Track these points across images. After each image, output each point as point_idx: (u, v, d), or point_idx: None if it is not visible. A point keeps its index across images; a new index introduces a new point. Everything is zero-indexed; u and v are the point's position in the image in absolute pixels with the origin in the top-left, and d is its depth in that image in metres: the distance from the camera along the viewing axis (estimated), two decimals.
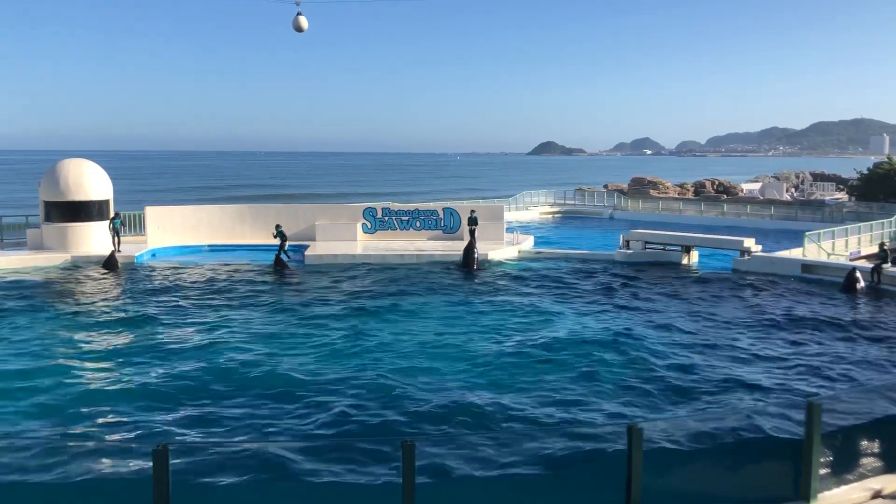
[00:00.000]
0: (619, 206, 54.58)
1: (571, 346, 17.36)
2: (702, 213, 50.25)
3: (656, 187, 68.63)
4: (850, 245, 32.17)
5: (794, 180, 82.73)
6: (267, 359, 16.10)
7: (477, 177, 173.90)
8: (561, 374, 14.98)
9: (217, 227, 33.33)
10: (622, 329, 19.01)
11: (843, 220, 40.60)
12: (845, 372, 15.38)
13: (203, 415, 12.68)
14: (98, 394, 13.93)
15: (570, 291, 24.01)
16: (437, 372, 15.19)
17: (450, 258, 29.47)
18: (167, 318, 20.07)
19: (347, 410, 12.86)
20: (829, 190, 71.58)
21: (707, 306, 21.90)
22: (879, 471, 8.53)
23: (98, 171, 31.12)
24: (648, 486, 7.26)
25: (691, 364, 15.76)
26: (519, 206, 53.59)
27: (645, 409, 13.13)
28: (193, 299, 22.47)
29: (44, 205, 30.31)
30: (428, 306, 21.73)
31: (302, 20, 27.17)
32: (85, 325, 19.44)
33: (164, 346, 17.22)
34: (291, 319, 19.97)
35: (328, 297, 22.89)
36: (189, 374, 14.95)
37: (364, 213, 34.63)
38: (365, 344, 17.41)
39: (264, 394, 13.73)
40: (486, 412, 12.82)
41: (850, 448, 8.67)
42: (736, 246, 29.35)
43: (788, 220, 45.31)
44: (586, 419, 12.58)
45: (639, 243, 31.02)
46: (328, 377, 14.76)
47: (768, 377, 14.95)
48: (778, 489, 8.05)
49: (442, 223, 34.38)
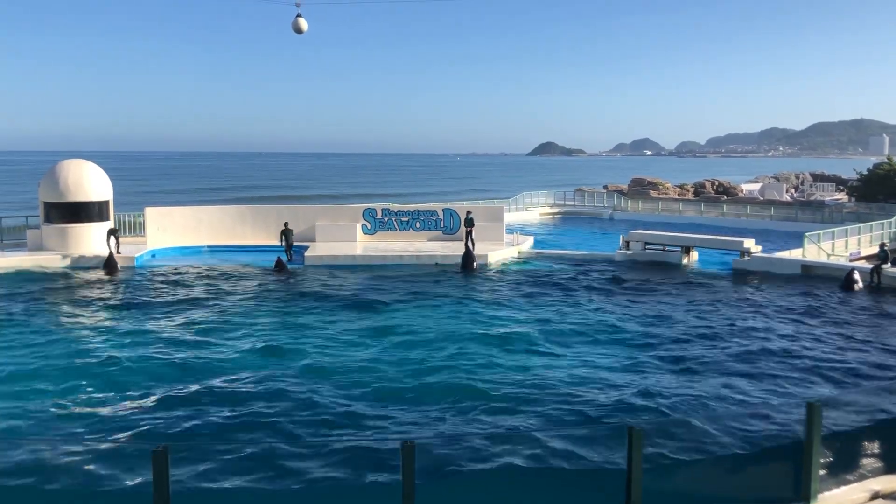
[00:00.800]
0: (619, 206, 54.59)
1: (570, 345, 17.38)
2: (702, 213, 50.26)
3: (656, 188, 68.68)
4: (850, 246, 32.18)
5: (794, 181, 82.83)
6: (266, 360, 16.11)
7: (477, 177, 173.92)
8: (560, 374, 14.98)
9: (217, 228, 33.32)
10: (621, 328, 19.02)
11: (843, 221, 40.61)
12: (845, 373, 15.38)
13: (202, 416, 12.67)
14: (97, 395, 13.93)
15: (570, 292, 24.01)
16: (437, 372, 15.19)
17: (449, 259, 29.47)
18: (166, 319, 20.07)
19: (347, 411, 12.86)
20: (829, 190, 71.59)
21: (706, 306, 21.89)
22: (879, 471, 8.54)
23: (98, 172, 31.11)
24: (649, 487, 7.26)
25: (690, 364, 15.76)
26: (519, 206, 53.61)
27: (645, 408, 13.12)
28: (192, 301, 22.47)
29: (43, 206, 30.30)
30: (427, 307, 21.73)
31: (302, 22, 27.18)
32: (83, 326, 19.46)
33: (162, 347, 17.22)
34: (291, 321, 19.97)
35: (328, 298, 22.88)
36: (188, 376, 14.95)
37: (364, 213, 34.63)
38: (365, 344, 17.43)
39: (264, 394, 13.73)
40: (486, 411, 12.83)
41: (850, 449, 8.68)
42: (736, 246, 29.36)
43: (788, 221, 45.32)
44: (587, 418, 12.58)
45: (639, 244, 31.03)
46: (327, 377, 14.77)
47: (768, 378, 14.94)
48: (778, 490, 8.05)
49: (441, 224, 34.39)
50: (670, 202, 56.58)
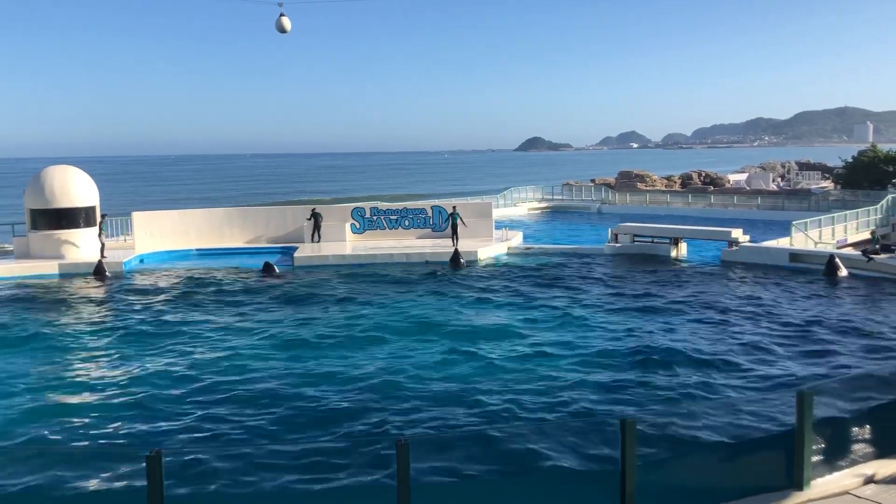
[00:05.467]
0: (607, 200, 54.69)
1: (560, 340, 17.41)
2: (689, 205, 50.42)
3: (643, 180, 68.78)
4: (837, 233, 32.39)
5: (780, 170, 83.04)
6: (258, 361, 16.06)
7: (465, 174, 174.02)
8: (550, 369, 15.01)
9: (205, 231, 33.17)
10: (611, 322, 19.08)
11: (830, 209, 40.86)
12: (836, 358, 15.49)
13: (195, 418, 12.63)
14: (89, 400, 13.85)
15: (559, 286, 24.04)
16: (428, 370, 15.18)
17: (439, 256, 29.45)
18: (154, 324, 19.98)
19: (340, 411, 12.85)
20: (815, 179, 71.90)
21: (696, 297, 21.98)
22: (871, 456, 8.60)
23: (83, 178, 30.89)
24: (643, 479, 7.28)
25: (681, 355, 15.81)
26: (507, 202, 53.64)
27: (637, 401, 13.18)
28: (181, 304, 22.37)
29: (29, 213, 30.07)
30: (417, 305, 21.72)
31: (285, 21, 27.10)
32: (72, 332, 19.32)
33: (152, 351, 17.15)
34: (281, 322, 19.92)
35: (318, 298, 22.84)
36: (180, 379, 14.89)
37: (352, 213, 34.58)
38: (356, 344, 17.40)
39: (257, 396, 13.69)
40: (478, 409, 12.84)
41: (842, 435, 8.73)
42: (724, 237, 29.50)
43: (775, 210, 45.56)
44: (580, 413, 12.60)
45: (627, 236, 31.11)
46: (320, 378, 14.74)
47: (758, 366, 15.03)
48: (771, 478, 8.09)
49: (430, 222, 34.37)
50: (658, 194, 56.71)
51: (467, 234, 32.64)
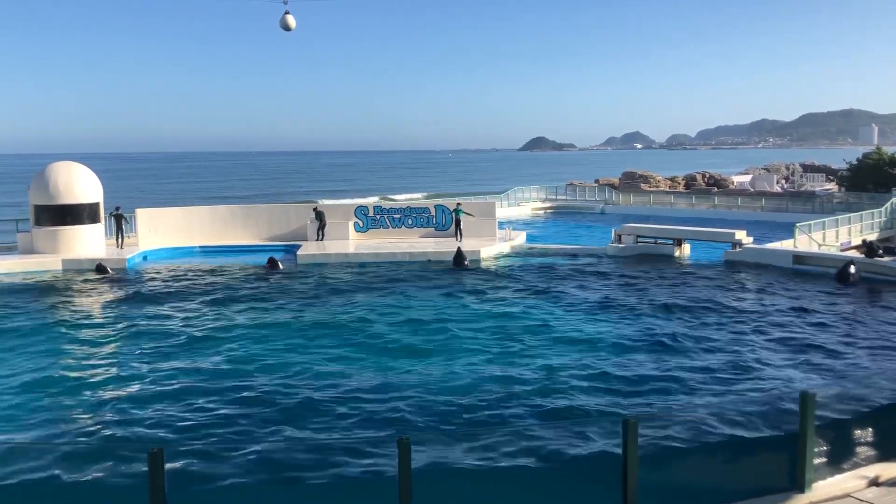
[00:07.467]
0: (611, 200, 54.64)
1: (562, 340, 17.40)
2: (693, 206, 50.36)
3: (647, 181, 68.74)
4: (841, 235, 32.34)
5: (785, 172, 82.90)
6: (261, 359, 16.07)
7: (468, 173, 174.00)
8: (552, 368, 14.99)
9: (209, 229, 33.21)
10: (612, 322, 19.06)
11: (834, 211, 40.77)
12: (839, 361, 15.45)
13: (198, 416, 12.64)
14: (91, 397, 13.87)
15: (562, 286, 24.03)
16: (431, 368, 15.19)
17: (442, 255, 29.45)
18: (158, 320, 20.01)
19: (343, 409, 12.84)
20: (819, 181, 71.75)
21: (698, 298, 21.95)
22: (873, 459, 8.58)
23: (87, 174, 30.95)
24: (645, 479, 7.28)
25: (684, 356, 15.80)
26: (511, 202, 53.61)
27: (640, 402, 13.16)
28: (184, 301, 22.39)
29: (34, 209, 30.13)
30: (420, 304, 21.72)
31: (290, 19, 27.08)
32: (76, 328, 19.36)
33: (155, 348, 17.16)
34: (284, 320, 19.93)
35: (321, 297, 22.85)
36: (183, 377, 14.91)
37: (356, 211, 34.60)
38: (358, 342, 17.41)
39: (259, 394, 13.69)
40: (480, 407, 12.83)
41: (844, 437, 8.73)
42: (727, 238, 29.45)
43: (779, 212, 45.47)
44: (581, 413, 12.59)
45: (630, 237, 31.07)
46: (322, 376, 14.74)
47: (761, 367, 15.00)
48: (773, 479, 8.08)
49: (434, 220, 34.38)
50: (661, 195, 56.68)
51: (471, 233, 32.66)
